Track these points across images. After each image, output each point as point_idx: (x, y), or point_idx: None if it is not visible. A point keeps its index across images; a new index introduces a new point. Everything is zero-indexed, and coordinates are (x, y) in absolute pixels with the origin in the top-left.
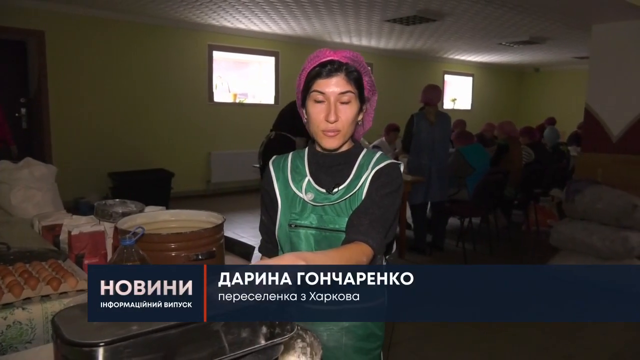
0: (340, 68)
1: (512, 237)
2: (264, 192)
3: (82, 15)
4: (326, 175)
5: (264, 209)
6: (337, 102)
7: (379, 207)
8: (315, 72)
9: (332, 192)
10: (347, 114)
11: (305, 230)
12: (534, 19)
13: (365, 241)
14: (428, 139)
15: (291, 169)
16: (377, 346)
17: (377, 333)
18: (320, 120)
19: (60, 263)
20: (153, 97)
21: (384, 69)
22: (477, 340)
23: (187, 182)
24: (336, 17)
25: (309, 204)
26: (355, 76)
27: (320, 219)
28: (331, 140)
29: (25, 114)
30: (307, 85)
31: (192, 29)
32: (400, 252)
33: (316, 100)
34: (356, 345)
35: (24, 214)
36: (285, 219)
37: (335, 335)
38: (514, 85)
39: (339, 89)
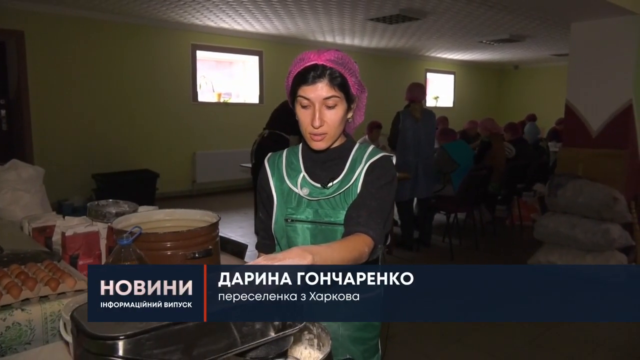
0: (323, 74)
1: (497, 231)
2: (260, 189)
3: (62, 15)
4: (321, 170)
5: (261, 206)
6: (322, 107)
7: (376, 198)
8: (299, 78)
9: (327, 186)
10: (333, 117)
11: (301, 225)
12: (513, 17)
13: (365, 232)
14: (414, 136)
15: (286, 165)
16: (374, 336)
17: (373, 323)
18: (307, 124)
19: (56, 264)
20: (136, 97)
21: (367, 68)
22: (473, 332)
23: (172, 182)
24: (320, 16)
25: (305, 198)
26: (339, 81)
27: (315, 213)
28: (318, 143)
29: (5, 115)
30: (293, 89)
31: (175, 29)
32: (389, 249)
33: (302, 105)
34: (353, 336)
35: (11, 216)
36: (282, 214)
37: (332, 326)
38: (495, 83)
39: (323, 94)
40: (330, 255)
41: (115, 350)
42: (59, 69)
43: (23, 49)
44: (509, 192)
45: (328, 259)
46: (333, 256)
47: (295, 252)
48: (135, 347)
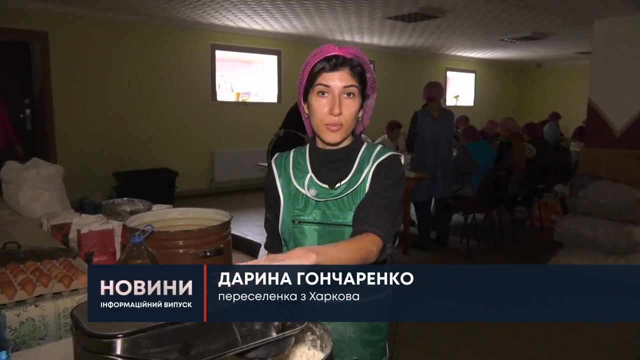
0: (345, 63)
1: (516, 233)
2: (267, 190)
3: (84, 15)
4: (328, 171)
5: (268, 207)
6: (340, 95)
7: (384, 198)
8: (320, 66)
9: (334, 187)
10: (351, 108)
11: (308, 226)
12: (535, 15)
13: (373, 231)
14: (432, 135)
15: (293, 166)
16: (382, 338)
17: (381, 325)
18: (324, 113)
19: (70, 261)
20: (156, 96)
21: (386, 67)
22: (487, 335)
23: (191, 181)
24: (338, 14)
25: (312, 199)
26: (359, 71)
27: (323, 214)
28: (334, 134)
29: (29, 114)
30: (310, 79)
31: (195, 29)
32: (405, 249)
33: (320, 94)
34: (361, 338)
35: (32, 213)
36: (289, 215)
37: (339, 328)
38: (517, 81)
39: (344, 83)
40: (337, 254)
41: (112, 348)
42: (81, 69)
43: (47, 49)
44: (529, 193)
45: (334, 258)
46: (339, 256)
47: (298, 252)
48: (132, 345)
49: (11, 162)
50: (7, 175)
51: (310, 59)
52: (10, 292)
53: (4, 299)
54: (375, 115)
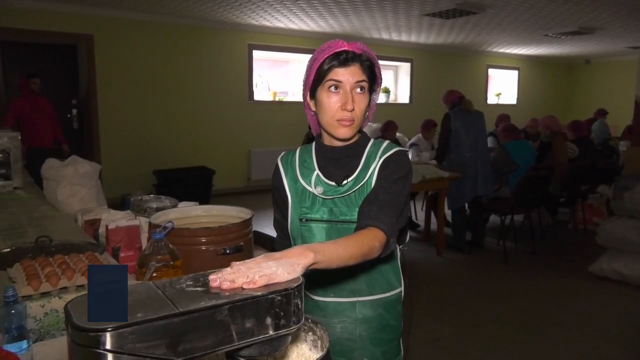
0: (355, 57)
1: (557, 235)
2: (274, 189)
3: (127, 18)
4: (335, 168)
5: (276, 206)
6: (353, 91)
7: (389, 192)
8: (330, 62)
9: (341, 184)
10: (361, 104)
11: (316, 224)
12: (581, 9)
13: (376, 225)
14: (467, 132)
15: (299, 164)
16: (394, 337)
17: (392, 324)
18: (336, 109)
19: (96, 255)
20: (195, 96)
21: (424, 65)
22: (518, 342)
23: (227, 179)
24: (374, 12)
25: (319, 197)
26: (369, 65)
27: (330, 211)
28: (346, 129)
29: (76, 114)
30: (320, 75)
31: (233, 29)
32: (439, 250)
33: (332, 89)
34: (372, 337)
35: (69, 209)
36: (296, 214)
37: (349, 327)
38: (563, 78)
39: (355, 78)
40: (336, 252)
41: (99, 342)
42: (124, 70)
43: (92, 51)
44: (572, 194)
45: (334, 256)
46: (339, 253)
47: (296, 251)
48: (118, 340)
49: (51, 159)
50: (47, 172)
51: (318, 55)
52: (36, 284)
53: (30, 290)
54: (414, 115)
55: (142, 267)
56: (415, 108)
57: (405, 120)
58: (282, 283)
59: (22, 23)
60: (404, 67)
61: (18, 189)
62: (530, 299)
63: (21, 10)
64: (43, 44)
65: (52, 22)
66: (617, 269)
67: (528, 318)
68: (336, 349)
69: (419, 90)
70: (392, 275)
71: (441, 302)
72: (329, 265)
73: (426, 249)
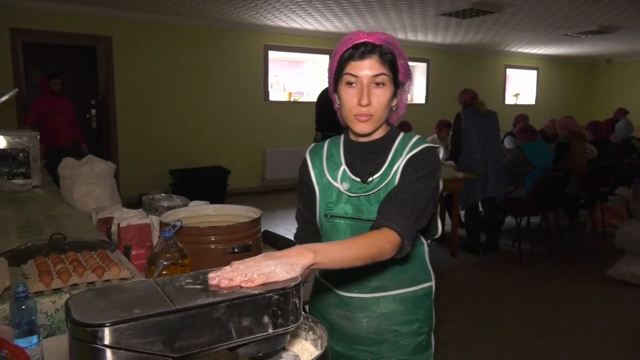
0: (374, 50)
1: (575, 238)
2: (301, 181)
3: (144, 19)
4: (361, 164)
5: (302, 198)
6: (370, 85)
7: (409, 191)
8: (348, 55)
9: (366, 181)
10: (381, 97)
11: (340, 220)
12: (601, 7)
13: (390, 226)
14: (479, 133)
15: (327, 158)
16: (423, 331)
17: (420, 318)
18: (353, 104)
19: (107, 253)
20: (211, 96)
21: (441, 65)
22: (521, 345)
23: (242, 179)
24: (389, 12)
25: (344, 194)
26: (390, 58)
27: (355, 208)
28: (363, 125)
29: (95, 114)
30: (339, 68)
31: (248, 30)
32: (453, 252)
33: (348, 84)
34: (399, 331)
35: (84, 207)
36: (322, 209)
37: (375, 321)
38: (584, 78)
39: (373, 72)
40: (340, 253)
41: (96, 337)
42: (141, 71)
43: (111, 52)
44: (591, 195)
45: (336, 257)
46: (343, 254)
47: (295, 251)
48: (114, 335)
49: (68, 158)
50: (64, 171)
51: (339, 47)
52: (47, 281)
53: (41, 287)
54: (430, 116)
55: (151, 265)
56: (432, 108)
57: (422, 121)
58: (280, 282)
59: (43, 25)
60: (420, 67)
61: (37, 188)
62: (546, 302)
63: (42, 12)
64: (63, 45)
65: (72, 24)
66: (636, 273)
67: (543, 321)
68: (365, 342)
69: (435, 91)
70: (419, 270)
71: (453, 304)
72: (331, 266)
73: (440, 250)
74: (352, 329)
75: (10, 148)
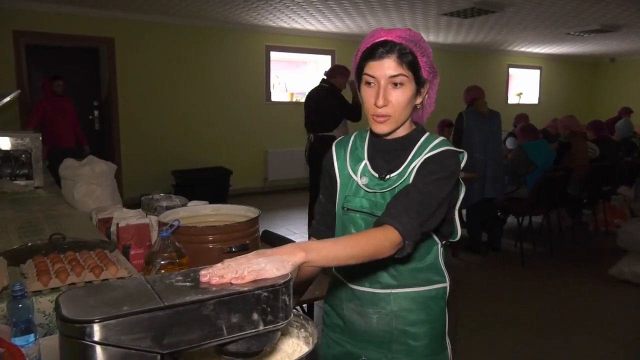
0: (392, 50)
1: (577, 237)
2: (325, 172)
3: (146, 21)
4: (383, 161)
5: (324, 189)
6: (387, 85)
7: (420, 192)
8: (367, 54)
9: (384, 178)
10: (399, 98)
11: (356, 214)
12: (604, 6)
13: (392, 224)
14: (480, 133)
15: (351, 150)
16: (435, 334)
17: (431, 319)
18: (370, 104)
19: (106, 252)
20: (213, 97)
21: (444, 65)
22: (523, 345)
23: (244, 179)
24: (390, 13)
25: (362, 188)
26: (409, 59)
27: (372, 204)
28: (381, 125)
29: (97, 116)
30: (359, 69)
31: (250, 31)
32: (454, 251)
33: (367, 84)
34: (409, 331)
35: (85, 207)
36: (340, 201)
37: (385, 318)
38: (587, 77)
39: (390, 73)
40: (333, 251)
41: (83, 333)
42: (144, 72)
43: (113, 54)
44: (593, 195)
45: (330, 255)
46: (337, 252)
47: (287, 249)
48: (102, 331)
49: (69, 159)
50: (65, 172)
51: (362, 45)
52: (45, 280)
53: (39, 286)
54: (433, 116)
55: (148, 265)
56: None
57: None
58: (270, 279)
59: (46, 27)
60: None
61: (39, 189)
62: (547, 301)
63: (45, 14)
64: (66, 47)
65: (75, 25)
66: (638, 272)
67: (544, 321)
68: (374, 340)
69: (438, 91)
70: (432, 270)
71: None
72: (325, 264)
73: None
74: (363, 324)
75: (12, 149)
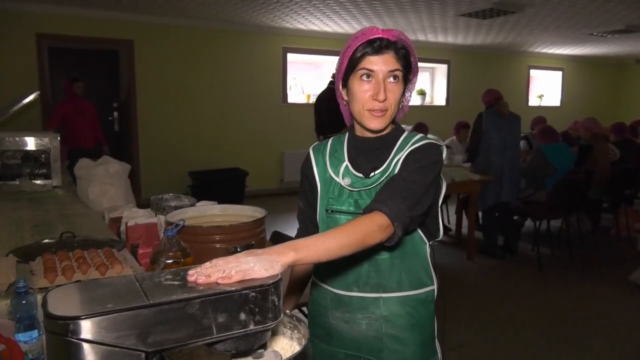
0: (390, 45)
1: (598, 242)
2: (303, 177)
3: (165, 24)
4: (365, 160)
5: (303, 195)
6: (385, 80)
7: (405, 180)
8: (363, 49)
9: (369, 176)
10: (395, 93)
11: (341, 216)
12: (628, 6)
13: (379, 209)
14: (499, 135)
15: (330, 154)
16: (425, 338)
17: (422, 323)
18: (367, 99)
19: (113, 251)
20: (230, 99)
21: (462, 66)
22: (537, 351)
23: (261, 180)
24: (408, 14)
25: (346, 188)
26: (404, 54)
27: (356, 203)
28: (377, 120)
29: (117, 117)
30: (352, 63)
31: (268, 33)
32: (469, 255)
33: (364, 78)
34: (399, 336)
35: (99, 206)
36: (323, 204)
37: (374, 324)
38: (612, 79)
39: (389, 67)
40: (323, 245)
41: (67, 330)
42: (162, 74)
43: (132, 56)
44: (615, 199)
45: (320, 250)
46: (327, 245)
47: (276, 249)
48: (86, 329)
49: (84, 159)
50: (80, 172)
51: (352, 42)
52: (52, 277)
53: (45, 283)
54: (451, 118)
55: (153, 263)
56: (452, 110)
57: (442, 123)
58: (259, 279)
59: (67, 30)
60: (440, 68)
61: (57, 188)
62: (564, 307)
63: (67, 17)
64: (87, 49)
65: (96, 28)
66: None
67: (561, 327)
68: (363, 347)
69: (456, 92)
70: (422, 272)
71: (467, 308)
72: (317, 259)
73: (457, 253)
74: (351, 332)
75: (32, 149)
